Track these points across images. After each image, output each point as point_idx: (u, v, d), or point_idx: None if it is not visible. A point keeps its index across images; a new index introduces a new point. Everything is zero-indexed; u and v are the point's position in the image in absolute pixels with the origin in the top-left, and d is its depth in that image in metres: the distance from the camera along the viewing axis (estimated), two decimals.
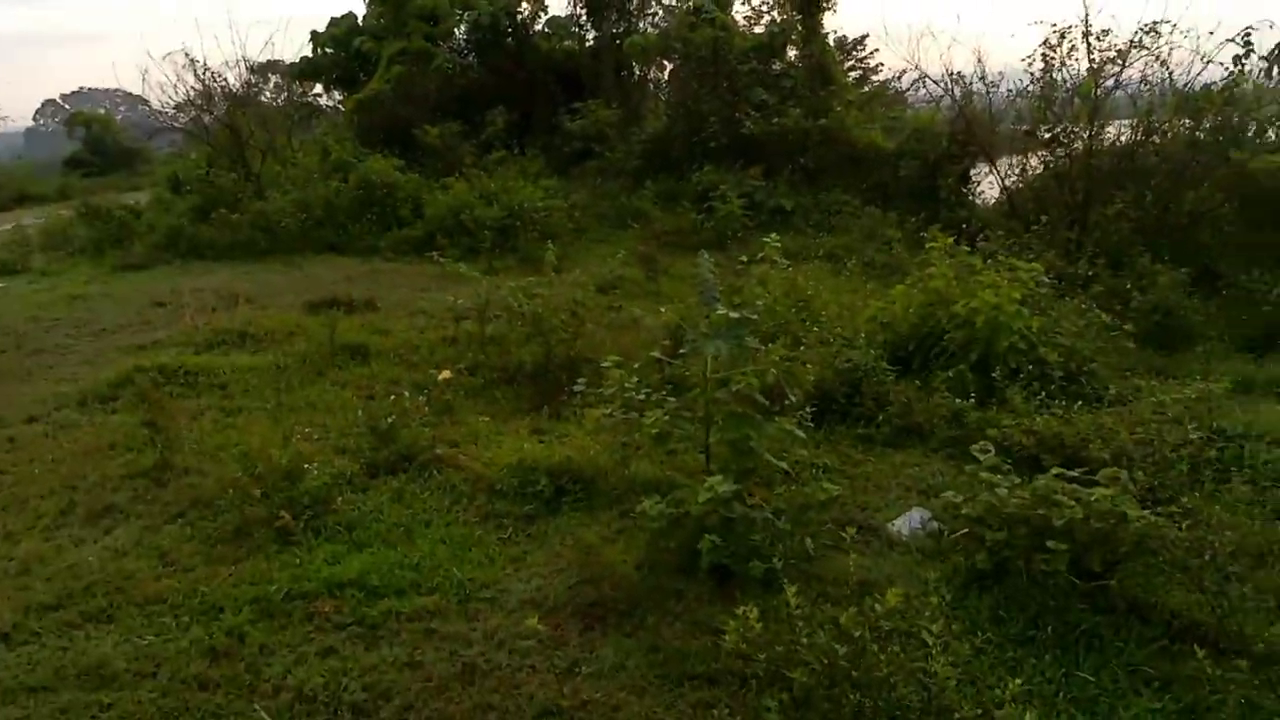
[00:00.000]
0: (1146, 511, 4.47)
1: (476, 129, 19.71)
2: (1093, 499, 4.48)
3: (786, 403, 5.42)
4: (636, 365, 5.88)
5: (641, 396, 5.56)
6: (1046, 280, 8.65)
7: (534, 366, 8.02)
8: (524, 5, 22.29)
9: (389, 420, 6.59)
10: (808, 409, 6.22)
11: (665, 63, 22.13)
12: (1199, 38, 12.60)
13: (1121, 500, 4.49)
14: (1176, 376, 8.26)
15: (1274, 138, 12.68)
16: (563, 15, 22.73)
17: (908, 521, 5.53)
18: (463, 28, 22.70)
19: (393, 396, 7.34)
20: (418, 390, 7.76)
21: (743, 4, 21.02)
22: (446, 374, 8.21)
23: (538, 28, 22.64)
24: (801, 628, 3.60)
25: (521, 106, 20.87)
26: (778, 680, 3.66)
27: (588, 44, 22.33)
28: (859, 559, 5.03)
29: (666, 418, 5.33)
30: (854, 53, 26.60)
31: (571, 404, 7.14)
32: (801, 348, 7.62)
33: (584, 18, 22.33)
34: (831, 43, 21.14)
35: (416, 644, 4.39)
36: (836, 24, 38.01)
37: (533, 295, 8.48)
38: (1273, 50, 14.51)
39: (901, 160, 16.75)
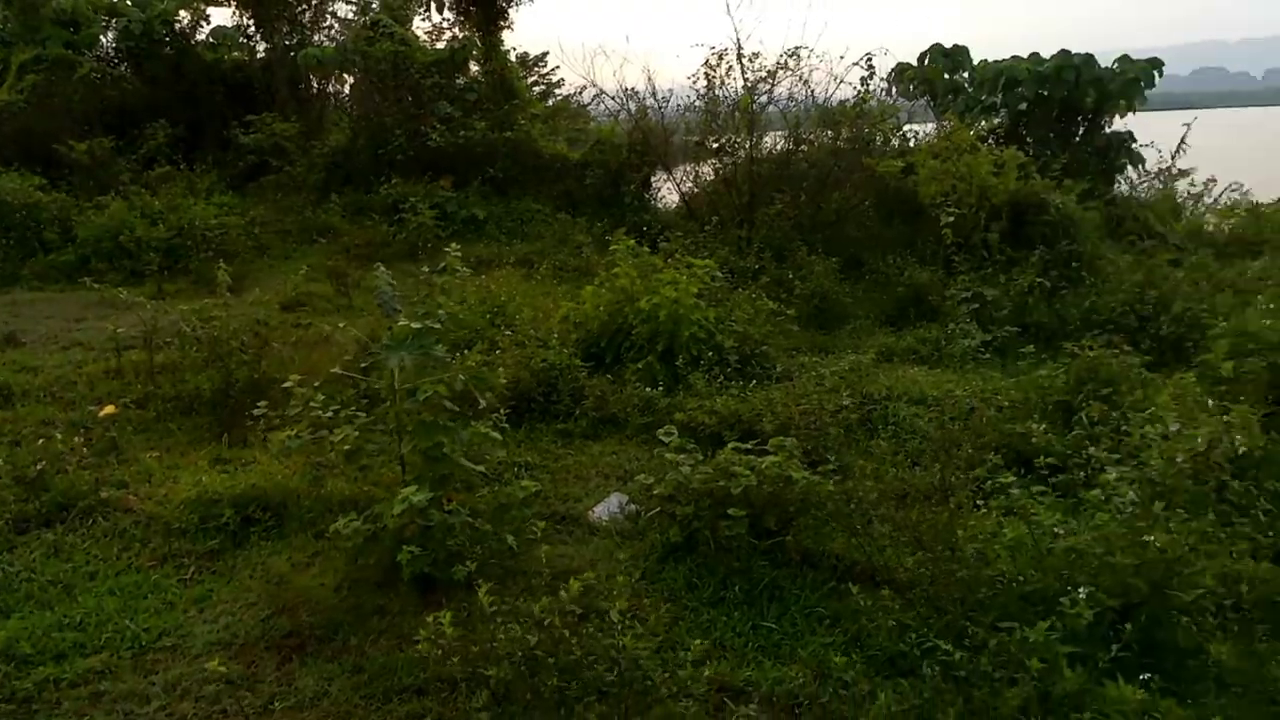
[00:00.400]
0: (808, 472, 5.00)
1: (135, 144, 17.87)
2: (764, 466, 4.95)
3: (480, 406, 5.44)
4: (318, 384, 5.61)
5: (330, 414, 5.34)
6: (720, 274, 9.46)
7: (213, 393, 7.42)
8: (183, 14, 20.52)
9: (38, 466, 5.84)
10: (504, 410, 6.29)
11: (346, 76, 21.32)
12: (833, 61, 14.27)
13: (788, 464, 4.99)
14: (833, 351, 9.36)
15: (896, 145, 14.62)
16: (229, 25, 21.22)
17: (607, 507, 5.77)
18: (111, 35, 20.49)
19: (42, 440, 6.49)
20: (75, 430, 6.93)
21: (423, 20, 20.80)
22: (109, 409, 7.40)
23: (200, 37, 20.94)
24: (499, 624, 3.64)
25: (187, 120, 19.17)
26: (482, 680, 3.68)
27: (259, 55, 21.00)
28: (562, 549, 5.18)
29: (357, 434, 5.16)
30: (536, 69, 27.15)
31: (256, 429, 6.70)
32: (497, 352, 7.69)
33: (252, 29, 20.98)
34: (513, 59, 21.43)
35: (82, 711, 3.93)
36: (516, 41, 38.61)
37: (208, 318, 7.87)
38: (890, 72, 16.83)
39: (587, 169, 17.39)
